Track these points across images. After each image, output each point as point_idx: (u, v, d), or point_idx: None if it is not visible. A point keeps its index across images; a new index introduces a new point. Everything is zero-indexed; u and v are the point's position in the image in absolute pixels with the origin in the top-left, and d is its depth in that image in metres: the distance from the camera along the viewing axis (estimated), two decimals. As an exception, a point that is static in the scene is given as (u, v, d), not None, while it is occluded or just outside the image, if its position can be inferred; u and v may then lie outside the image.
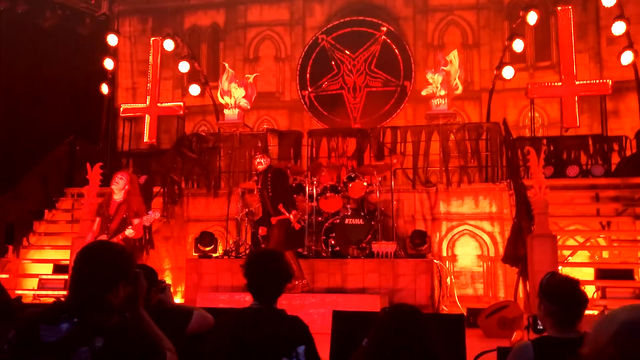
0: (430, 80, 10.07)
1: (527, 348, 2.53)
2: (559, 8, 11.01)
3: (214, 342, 2.72)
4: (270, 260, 2.76)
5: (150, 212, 6.08)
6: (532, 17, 10.83)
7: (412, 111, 12.52)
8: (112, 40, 12.41)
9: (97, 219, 6.39)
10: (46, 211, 10.52)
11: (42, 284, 9.10)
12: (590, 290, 7.99)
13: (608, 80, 10.61)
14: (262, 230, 7.39)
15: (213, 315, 3.16)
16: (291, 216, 7.01)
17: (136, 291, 2.36)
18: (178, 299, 8.72)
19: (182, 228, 10.00)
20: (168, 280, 9.00)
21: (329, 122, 12.19)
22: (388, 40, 12.39)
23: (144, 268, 3.11)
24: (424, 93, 10.28)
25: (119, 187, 6.23)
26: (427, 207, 9.41)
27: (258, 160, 7.31)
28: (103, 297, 2.03)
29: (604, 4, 10.52)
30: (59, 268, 9.08)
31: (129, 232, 5.96)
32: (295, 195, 7.87)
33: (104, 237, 6.06)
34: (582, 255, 8.91)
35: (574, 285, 2.60)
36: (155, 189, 9.59)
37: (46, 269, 9.38)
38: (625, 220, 8.97)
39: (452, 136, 9.79)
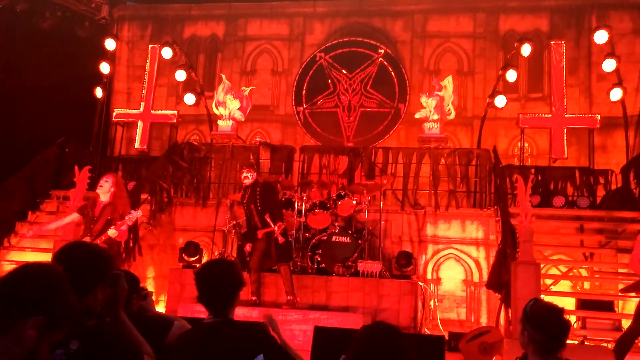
0: (424, 104, 10.19)
1: None
2: (552, 42, 11.21)
3: None
4: (219, 270, 2.70)
5: (132, 212, 6.01)
6: (526, 49, 11.03)
7: (404, 133, 12.64)
8: (110, 44, 12.43)
9: (75, 214, 6.32)
10: (29, 212, 10.40)
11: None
12: (571, 320, 8.03)
13: (597, 115, 10.80)
14: (248, 247, 7.34)
15: (194, 325, 3.15)
16: (275, 227, 6.98)
17: (117, 294, 2.33)
18: (160, 309, 8.65)
19: (168, 236, 9.95)
20: (151, 289, 8.93)
21: (322, 139, 12.26)
22: (385, 62, 12.54)
23: (126, 273, 3.10)
24: (417, 116, 10.39)
25: (104, 190, 6.19)
26: (415, 229, 9.45)
27: (245, 174, 7.21)
28: (81, 299, 2.02)
29: (595, 42, 10.74)
30: (40, 270, 8.94)
31: (111, 232, 5.89)
32: (283, 210, 7.88)
33: (87, 238, 6.01)
34: (564, 285, 8.98)
35: (559, 312, 2.61)
36: (143, 196, 9.55)
37: (26, 271, 9.25)
38: (608, 253, 9.07)
39: (443, 160, 9.88)
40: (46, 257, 8.63)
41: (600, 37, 10.60)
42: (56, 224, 6.93)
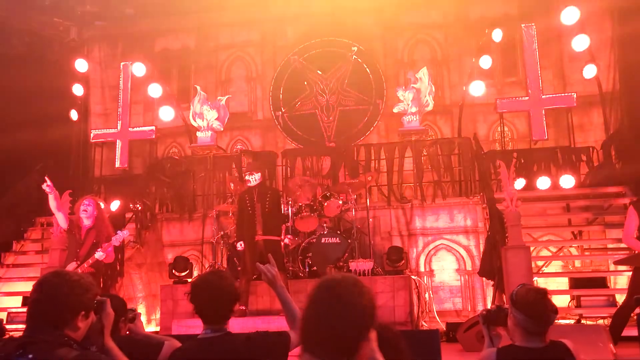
0: (401, 98, 10.20)
1: (491, 356, 2.58)
2: (523, 25, 11.28)
3: None
4: (217, 282, 2.69)
5: (119, 232, 5.95)
6: (497, 35, 11.08)
7: (385, 127, 12.63)
8: (81, 66, 12.30)
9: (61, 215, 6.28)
10: (14, 242, 10.26)
11: (11, 318, 8.79)
12: (565, 300, 8.08)
13: (573, 93, 10.87)
14: (240, 245, 7.23)
15: (187, 341, 3.10)
16: (287, 240, 7.24)
17: (102, 321, 2.28)
18: (152, 327, 8.55)
19: (155, 254, 9.84)
20: (141, 309, 8.83)
21: (303, 141, 12.22)
22: (359, 59, 12.54)
23: (112, 297, 3.04)
24: (395, 110, 10.39)
25: (88, 215, 6.14)
26: (403, 223, 9.45)
27: (248, 177, 7.19)
28: (61, 331, 1.96)
29: (564, 22, 10.81)
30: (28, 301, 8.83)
31: (98, 254, 5.82)
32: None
33: (73, 264, 5.93)
34: (556, 265, 9.04)
35: (541, 294, 2.66)
36: (128, 215, 9.45)
37: (15, 302, 9.12)
38: (596, 229, 9.14)
39: (425, 152, 9.90)
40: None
41: (569, 16, 10.67)
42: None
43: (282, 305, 2.83)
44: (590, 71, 10.70)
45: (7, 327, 8.61)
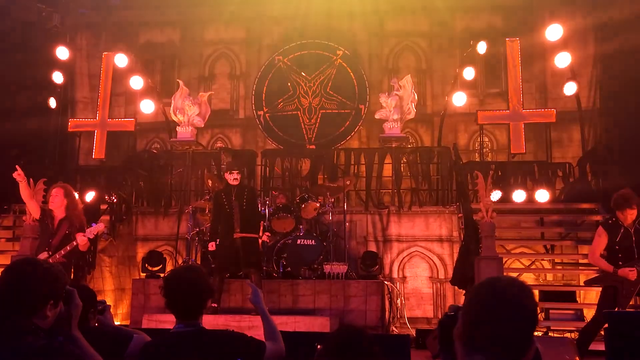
0: (384, 104, 10.24)
1: None
2: (507, 39, 11.43)
3: None
4: (191, 277, 2.69)
5: (93, 224, 5.88)
6: (481, 47, 11.20)
7: (366, 133, 12.69)
8: (62, 53, 12.10)
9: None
10: (-15, 228, 10.06)
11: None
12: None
13: (553, 110, 11.04)
14: (211, 245, 7.28)
15: (159, 335, 3.08)
16: (265, 237, 7.45)
17: (70, 311, 2.25)
18: (118, 322, 8.45)
19: (127, 248, 9.72)
20: (109, 302, 8.72)
21: (283, 142, 12.20)
22: (344, 63, 12.57)
23: (82, 288, 2.99)
24: (377, 116, 10.44)
25: (57, 205, 6.05)
26: (379, 229, 9.49)
27: (235, 177, 7.22)
28: (29, 319, 1.94)
29: (548, 39, 10.98)
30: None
31: (80, 238, 5.75)
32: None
33: (44, 254, 5.83)
34: (527, 278, 9.14)
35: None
36: (103, 207, 9.32)
37: (-17, 289, 8.93)
38: (569, 244, 9.28)
39: (405, 159, 9.95)
40: (2, 274, 8.34)
41: (553, 33, 10.84)
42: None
43: (262, 320, 2.97)
44: (570, 88, 10.88)
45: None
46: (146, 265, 8.55)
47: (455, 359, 1.67)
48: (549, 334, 7.75)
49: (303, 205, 8.50)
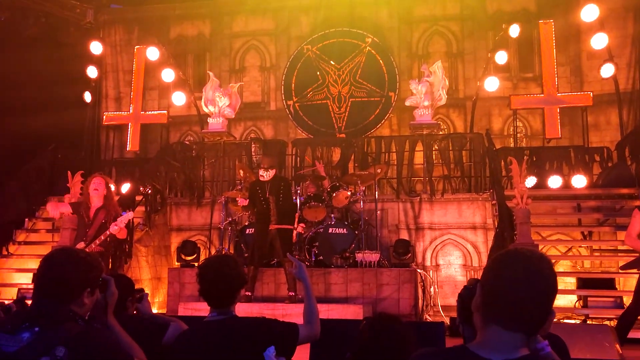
0: (414, 91, 10.11)
1: None
2: (540, 22, 11.15)
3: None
4: (225, 266, 2.71)
5: (123, 213, 6.01)
6: (514, 30, 10.96)
7: (397, 120, 12.58)
8: (95, 48, 12.35)
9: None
10: (26, 220, 10.37)
11: (22, 294, 8.92)
12: (572, 300, 8.03)
13: (590, 93, 10.75)
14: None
15: (194, 324, 3.13)
16: (300, 228, 7.58)
17: (105, 299, 2.31)
18: (155, 310, 8.62)
19: (163, 237, 9.90)
20: (146, 290, 8.91)
21: (313, 131, 12.20)
22: (373, 51, 12.46)
23: (120, 277, 3.07)
24: (407, 103, 10.32)
25: (99, 194, 6.19)
26: (411, 217, 9.42)
27: (268, 174, 7.29)
28: (67, 306, 1.99)
29: (583, 19, 10.67)
30: (38, 278, 8.92)
31: (113, 229, 5.87)
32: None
33: (81, 244, 5.98)
34: (564, 265, 8.97)
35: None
36: (138, 198, 9.50)
37: (26, 279, 9.24)
38: (607, 230, 9.05)
39: (436, 146, 9.84)
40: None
41: (589, 14, 10.53)
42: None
43: (305, 299, 2.91)
44: (607, 70, 10.56)
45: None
46: (181, 254, 8.71)
47: (474, 330, 1.64)
48: (587, 321, 7.60)
49: (334, 194, 8.50)
